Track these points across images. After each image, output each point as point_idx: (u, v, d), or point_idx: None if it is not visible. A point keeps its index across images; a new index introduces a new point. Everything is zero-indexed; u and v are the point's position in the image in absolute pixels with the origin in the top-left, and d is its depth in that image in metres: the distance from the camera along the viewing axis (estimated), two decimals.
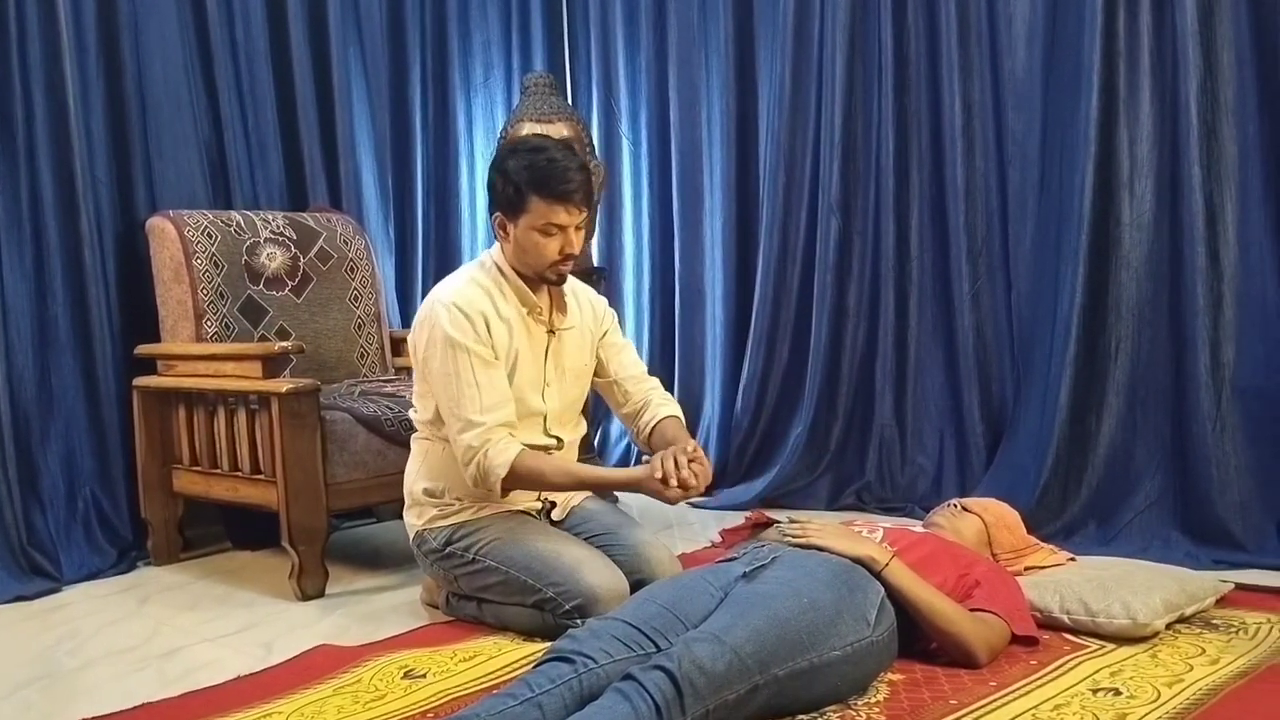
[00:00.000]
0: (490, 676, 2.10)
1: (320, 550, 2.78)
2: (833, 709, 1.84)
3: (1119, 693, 1.88)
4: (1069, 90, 3.10)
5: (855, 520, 2.45)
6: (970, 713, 1.82)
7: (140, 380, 3.16)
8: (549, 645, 1.82)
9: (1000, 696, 1.88)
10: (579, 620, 2.17)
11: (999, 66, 3.32)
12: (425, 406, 2.46)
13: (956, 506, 2.46)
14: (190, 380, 3.02)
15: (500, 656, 2.21)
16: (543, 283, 2.45)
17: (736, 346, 3.92)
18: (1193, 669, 1.98)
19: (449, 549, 2.42)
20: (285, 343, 3.02)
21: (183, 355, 3.09)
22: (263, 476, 2.81)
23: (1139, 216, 2.98)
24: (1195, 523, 2.86)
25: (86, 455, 3.19)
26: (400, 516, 2.59)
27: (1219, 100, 2.86)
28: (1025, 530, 2.51)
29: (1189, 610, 2.23)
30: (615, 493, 3.42)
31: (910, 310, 3.56)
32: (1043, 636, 2.13)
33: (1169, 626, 2.17)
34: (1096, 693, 1.89)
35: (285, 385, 2.73)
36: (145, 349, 3.19)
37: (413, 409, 2.55)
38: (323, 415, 2.80)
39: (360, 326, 3.47)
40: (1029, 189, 3.29)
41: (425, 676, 2.10)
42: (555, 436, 2.50)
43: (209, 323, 3.13)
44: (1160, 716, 1.78)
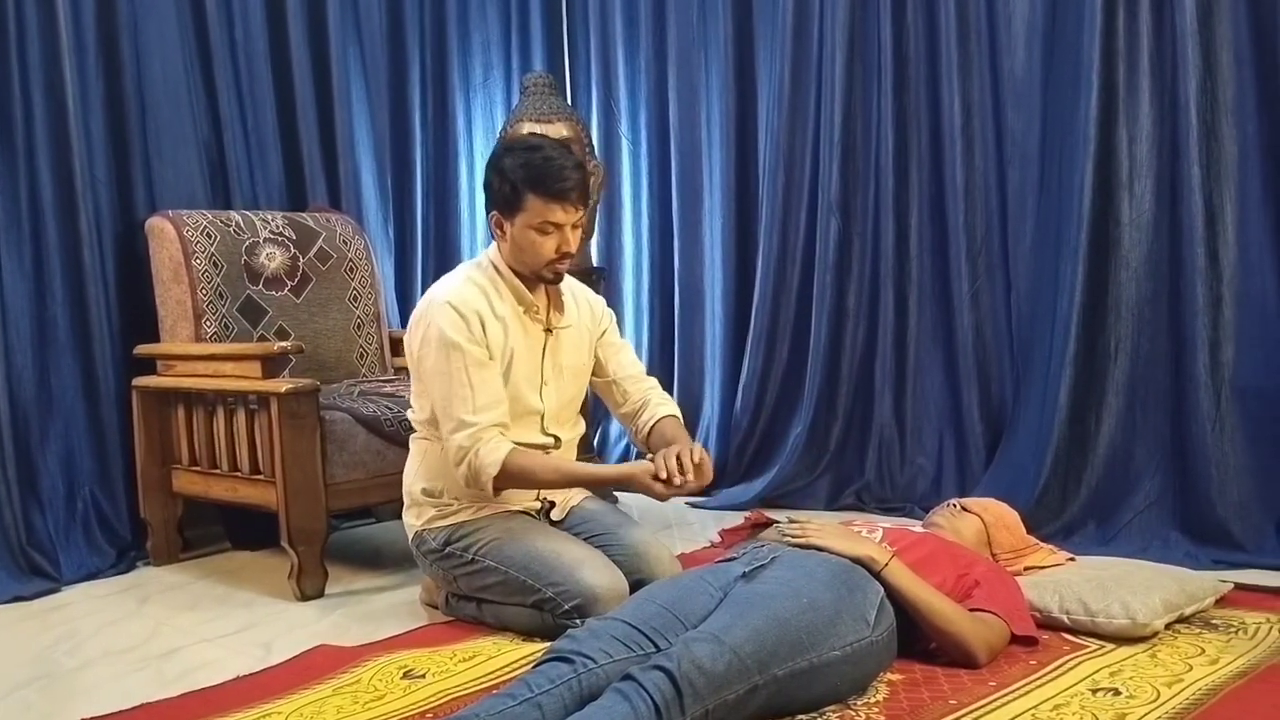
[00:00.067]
0: (490, 677, 2.10)
1: (319, 550, 2.78)
2: (832, 709, 1.84)
3: (1118, 693, 1.88)
4: (1068, 90, 3.10)
5: (855, 520, 2.45)
6: (970, 713, 1.82)
7: (139, 380, 3.16)
8: (548, 645, 1.82)
9: (1000, 696, 1.88)
10: (578, 620, 2.16)
11: (998, 66, 3.32)
12: (423, 406, 2.46)
13: (956, 506, 2.46)
14: (189, 380, 3.02)
15: (500, 657, 2.21)
16: (540, 281, 2.45)
17: (736, 346, 3.91)
18: (1192, 669, 1.98)
19: (448, 549, 2.42)
20: (284, 343, 3.02)
21: (182, 355, 3.09)
22: (262, 477, 2.81)
23: (1138, 216, 2.98)
24: (1195, 523, 2.86)
25: (86, 455, 3.19)
26: (399, 517, 2.59)
27: (1218, 100, 2.86)
28: (1025, 530, 2.51)
29: (1188, 610, 2.23)
30: (615, 493, 3.43)
31: (910, 310, 3.56)
32: (1042, 636, 2.13)
33: (1168, 626, 2.17)
34: (1096, 693, 1.89)
35: (284, 385, 2.72)
36: (144, 349, 3.19)
37: (411, 409, 2.55)
38: (322, 415, 2.79)
39: (359, 326, 3.47)
40: (1028, 189, 3.30)
41: (425, 677, 2.10)
42: (553, 435, 2.50)
43: (208, 323, 3.13)
44: (1160, 716, 1.78)
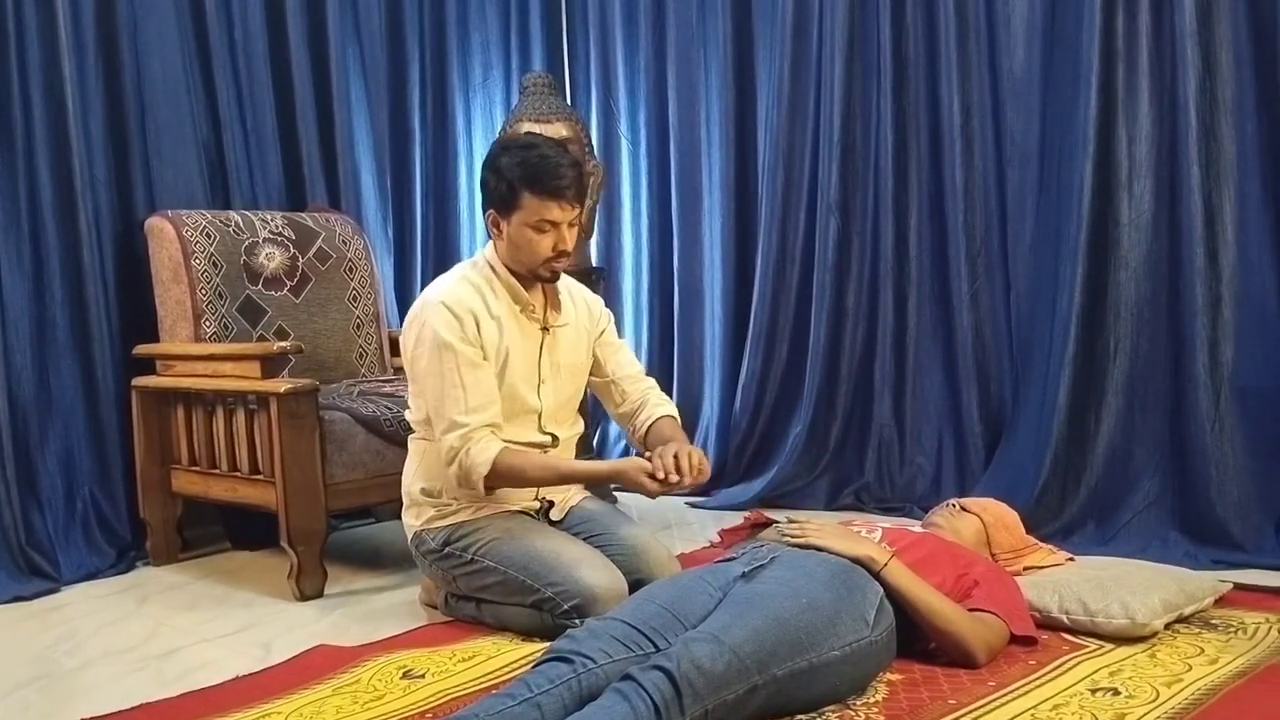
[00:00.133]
0: (489, 677, 2.10)
1: (319, 550, 2.78)
2: (831, 709, 1.84)
3: (1118, 693, 1.88)
4: (1068, 90, 3.10)
5: (854, 520, 2.45)
6: (969, 713, 1.82)
7: (139, 380, 3.16)
8: (548, 645, 1.82)
9: (999, 696, 1.88)
10: (577, 620, 2.16)
11: (998, 66, 3.32)
12: (419, 407, 2.46)
13: (955, 506, 2.46)
14: (189, 380, 3.02)
15: (499, 657, 2.21)
16: (537, 280, 2.45)
17: (735, 346, 3.91)
18: (1191, 669, 1.98)
19: (447, 549, 2.42)
20: (284, 343, 3.02)
21: (181, 355, 3.09)
22: (261, 477, 2.81)
23: (1138, 216, 2.98)
24: (1194, 522, 2.86)
25: (85, 455, 3.19)
26: (399, 517, 2.59)
27: (1217, 100, 2.86)
28: (1024, 530, 2.51)
29: (1188, 610, 2.23)
30: (614, 493, 3.43)
31: (909, 310, 3.56)
32: (1041, 636, 2.13)
33: (1168, 626, 2.17)
34: (1095, 693, 1.89)
35: (284, 385, 2.72)
36: (144, 349, 3.19)
37: (408, 409, 2.55)
38: (321, 415, 2.79)
39: (359, 326, 3.47)
40: (1028, 189, 3.30)
41: (424, 677, 2.10)
42: (550, 434, 2.49)
43: (207, 323, 3.13)
44: (1159, 716, 1.78)
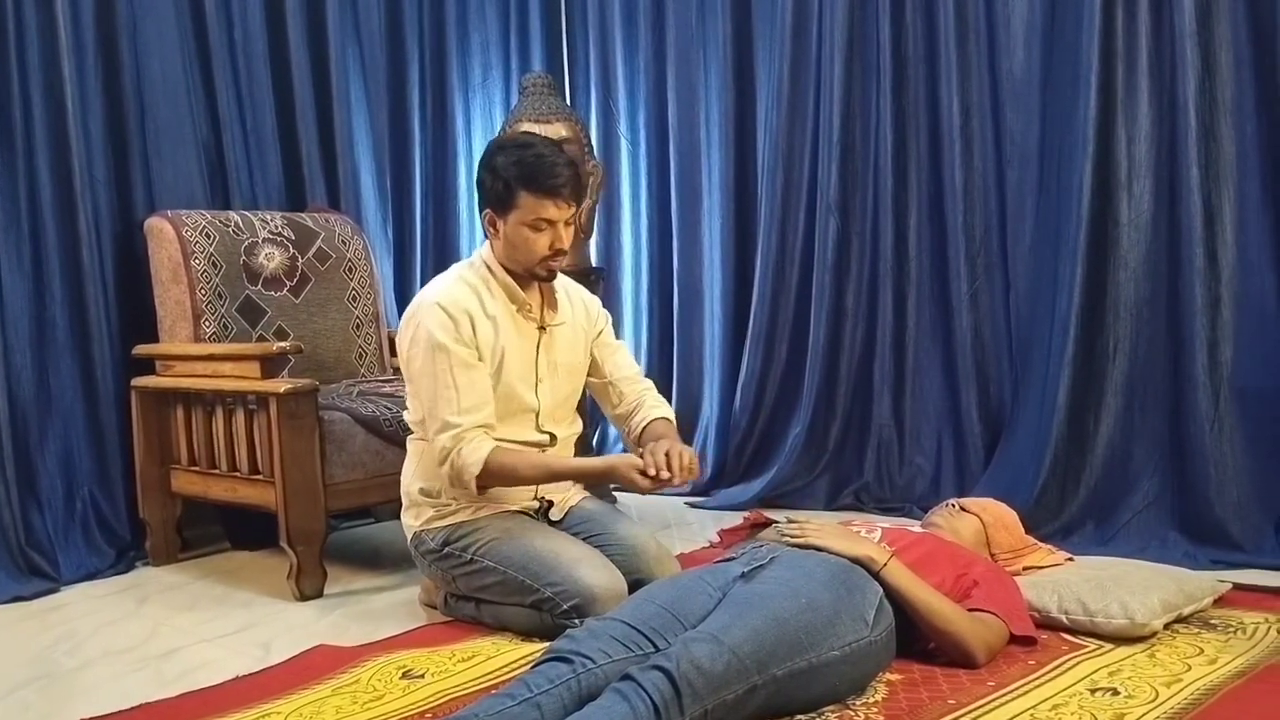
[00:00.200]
0: (489, 677, 2.10)
1: (318, 550, 2.78)
2: (831, 709, 1.84)
3: (1117, 693, 1.88)
4: (1067, 90, 3.10)
5: (853, 520, 2.45)
6: (968, 713, 1.82)
7: (138, 380, 3.16)
8: (547, 645, 1.82)
9: (998, 696, 1.88)
10: (577, 620, 2.16)
11: (997, 67, 3.32)
12: (416, 407, 2.46)
13: (955, 507, 2.46)
14: (188, 380, 3.02)
15: (499, 657, 2.21)
16: (534, 279, 2.45)
17: (735, 346, 3.91)
18: (1191, 669, 1.98)
19: (446, 549, 2.42)
20: (283, 343, 3.02)
21: (181, 355, 3.09)
22: (261, 477, 2.81)
23: (1137, 217, 2.98)
24: (1193, 523, 2.86)
25: (85, 456, 3.19)
26: (398, 517, 2.59)
27: (1217, 101, 2.87)
28: (1023, 530, 2.51)
29: (1187, 610, 2.23)
30: (614, 493, 3.43)
31: (909, 310, 3.56)
32: (1041, 636, 2.13)
33: (1167, 626, 2.17)
34: (1095, 693, 1.89)
35: (283, 385, 2.72)
36: (143, 349, 3.19)
37: (406, 410, 2.55)
38: (321, 415, 2.79)
39: (358, 327, 3.47)
40: (1027, 189, 3.30)
41: (424, 677, 2.10)
42: (548, 432, 2.49)
43: (207, 323, 3.13)
44: (1158, 716, 1.79)
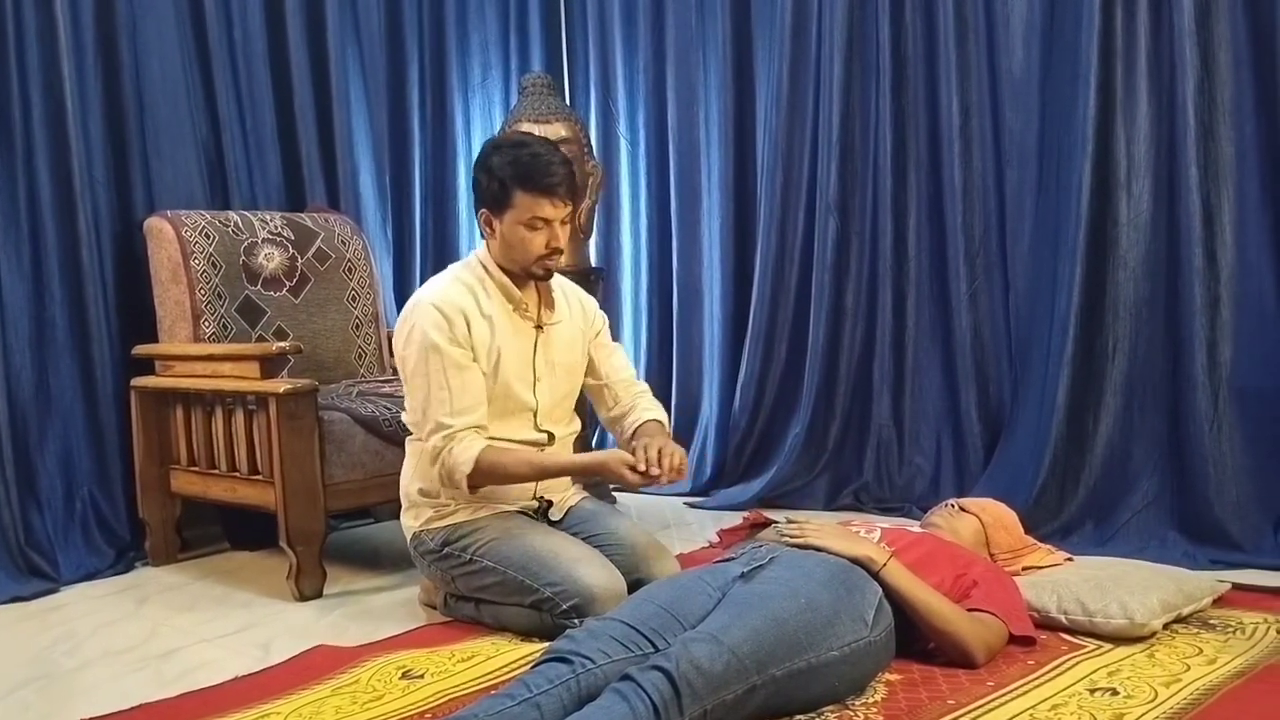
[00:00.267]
0: (488, 677, 2.10)
1: (318, 551, 2.78)
2: (830, 709, 1.84)
3: (1116, 693, 1.88)
4: (1066, 90, 3.10)
5: (853, 520, 2.45)
6: (968, 713, 1.82)
7: (138, 381, 3.16)
8: (547, 645, 1.82)
9: (998, 696, 1.88)
10: (576, 620, 2.16)
11: (996, 66, 3.32)
12: (413, 408, 2.46)
13: (954, 507, 2.46)
14: (188, 381, 3.02)
15: (498, 657, 2.21)
16: (530, 278, 2.45)
17: (734, 346, 3.91)
18: (1190, 669, 1.98)
19: (446, 550, 2.42)
20: (283, 343, 3.02)
21: (180, 356, 3.09)
22: (260, 477, 2.81)
23: (1136, 216, 2.98)
24: (1192, 522, 2.86)
25: (84, 456, 3.19)
26: (398, 517, 2.59)
27: (1216, 101, 2.87)
28: (1023, 530, 2.51)
29: (1186, 610, 2.23)
30: (614, 493, 3.43)
31: (908, 310, 3.56)
32: (1040, 636, 2.13)
33: (1166, 626, 2.17)
34: (1094, 693, 1.89)
35: (283, 385, 2.72)
36: (143, 349, 3.19)
37: (405, 410, 2.55)
38: (320, 416, 2.79)
39: (358, 327, 3.47)
40: (1026, 189, 3.30)
41: (423, 677, 2.10)
42: (546, 432, 2.50)
43: (207, 323, 3.13)
44: (1157, 716, 1.79)
